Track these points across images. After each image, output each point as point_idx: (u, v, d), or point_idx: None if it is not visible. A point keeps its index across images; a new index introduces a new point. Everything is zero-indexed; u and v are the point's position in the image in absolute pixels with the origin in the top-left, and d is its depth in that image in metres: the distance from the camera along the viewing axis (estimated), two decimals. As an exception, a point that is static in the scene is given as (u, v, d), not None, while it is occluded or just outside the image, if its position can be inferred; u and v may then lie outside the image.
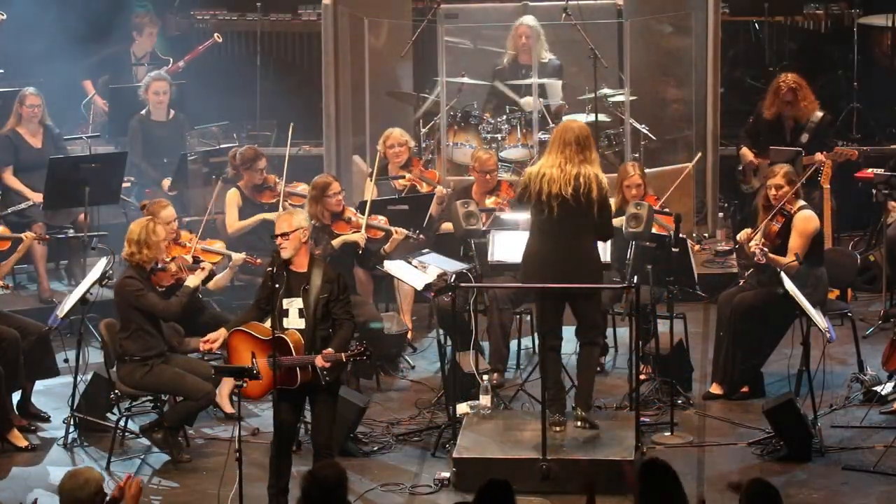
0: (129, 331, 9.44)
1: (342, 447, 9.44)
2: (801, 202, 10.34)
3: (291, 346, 8.47)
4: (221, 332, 8.71)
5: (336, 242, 10.75)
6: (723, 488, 8.94)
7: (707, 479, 9.11)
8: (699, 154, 11.58)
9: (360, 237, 10.85)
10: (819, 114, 12.51)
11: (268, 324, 8.58)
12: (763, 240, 10.09)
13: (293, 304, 8.55)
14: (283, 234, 8.58)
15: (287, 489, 8.59)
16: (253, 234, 11.55)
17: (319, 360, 8.49)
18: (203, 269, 9.95)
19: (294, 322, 8.55)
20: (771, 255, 10.02)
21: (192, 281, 9.70)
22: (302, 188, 11.74)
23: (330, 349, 8.53)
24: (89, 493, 6.73)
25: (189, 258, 10.24)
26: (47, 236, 11.51)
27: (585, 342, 9.44)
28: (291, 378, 8.48)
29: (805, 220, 10.22)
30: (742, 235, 10.44)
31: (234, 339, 8.68)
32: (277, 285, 8.54)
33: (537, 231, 9.29)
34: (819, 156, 12.20)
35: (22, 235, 10.84)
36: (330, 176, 11.22)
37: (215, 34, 14.55)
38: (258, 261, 10.64)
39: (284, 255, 8.58)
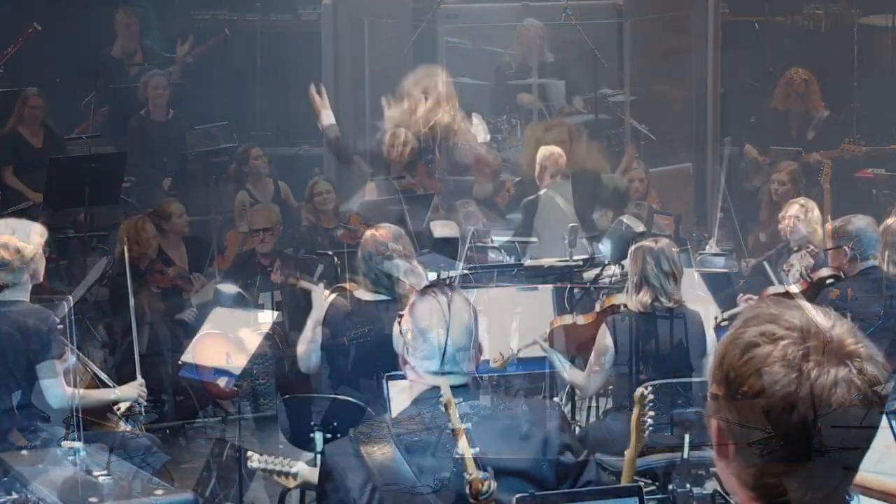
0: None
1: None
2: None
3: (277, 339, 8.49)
4: None
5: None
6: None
7: (707, 479, 9.11)
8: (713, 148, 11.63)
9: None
10: (825, 112, 12.53)
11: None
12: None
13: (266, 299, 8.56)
14: (266, 230, 8.59)
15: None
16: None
17: None
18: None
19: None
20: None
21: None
22: None
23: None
24: None
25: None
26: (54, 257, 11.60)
27: None
28: None
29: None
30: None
31: (206, 339, 8.63)
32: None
33: None
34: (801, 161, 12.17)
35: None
36: (321, 177, 11.20)
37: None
38: None
39: (265, 249, 8.59)
